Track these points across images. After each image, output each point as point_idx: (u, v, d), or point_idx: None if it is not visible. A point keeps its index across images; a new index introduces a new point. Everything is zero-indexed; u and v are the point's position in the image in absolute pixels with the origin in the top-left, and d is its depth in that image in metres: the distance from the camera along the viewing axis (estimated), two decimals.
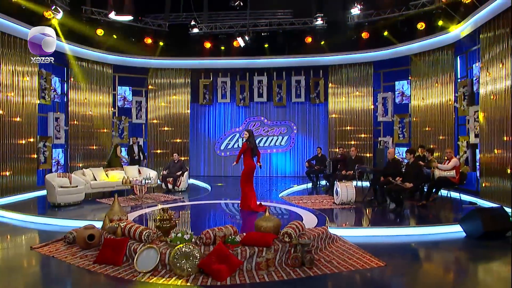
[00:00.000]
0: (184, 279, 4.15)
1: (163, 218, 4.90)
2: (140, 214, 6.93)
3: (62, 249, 5.24)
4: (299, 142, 13.80)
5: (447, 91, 10.33)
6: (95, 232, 5.16)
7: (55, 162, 11.00)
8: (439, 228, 6.16)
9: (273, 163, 13.95)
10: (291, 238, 4.61)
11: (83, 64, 11.74)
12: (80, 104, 11.75)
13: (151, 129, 13.46)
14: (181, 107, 13.56)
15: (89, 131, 11.94)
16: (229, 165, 13.69)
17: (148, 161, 13.07)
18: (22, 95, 9.52)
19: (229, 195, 9.38)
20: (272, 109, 13.86)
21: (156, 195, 9.48)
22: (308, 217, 6.45)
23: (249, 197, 7.13)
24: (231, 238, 4.52)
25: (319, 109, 13.62)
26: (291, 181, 12.49)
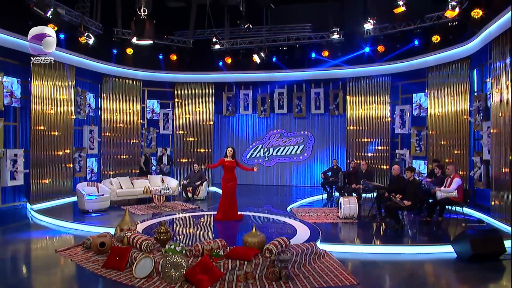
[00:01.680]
0: (172, 286, 4.75)
1: (160, 231, 5.55)
2: (153, 223, 7.65)
3: (80, 253, 6.05)
4: (318, 153, 14.10)
5: (463, 105, 10.24)
6: (106, 240, 5.92)
7: (89, 170, 12.14)
8: (430, 248, 6.29)
9: (292, 173, 14.35)
10: (272, 253, 5.07)
11: (115, 80, 12.86)
12: (112, 117, 12.87)
13: (177, 139, 14.33)
14: (205, 118, 14.33)
15: (120, 142, 13.02)
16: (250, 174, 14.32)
17: (174, 169, 14.00)
18: (60, 111, 10.70)
19: (244, 204, 9.94)
20: (292, 120, 14.28)
21: (175, 204, 10.24)
22: (303, 231, 6.87)
23: (234, 208, 7.91)
24: (215, 252, 5.07)
25: (337, 121, 13.85)
26: (308, 191, 12.86)
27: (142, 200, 10.30)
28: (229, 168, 7.89)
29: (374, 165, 12.64)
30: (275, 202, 10.84)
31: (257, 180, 14.52)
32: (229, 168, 7.88)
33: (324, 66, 13.06)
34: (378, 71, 12.67)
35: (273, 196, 12.09)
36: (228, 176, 7.92)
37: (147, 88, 13.96)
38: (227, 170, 7.89)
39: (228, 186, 7.86)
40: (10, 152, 9.39)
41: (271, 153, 14.50)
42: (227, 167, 7.89)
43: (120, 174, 12.73)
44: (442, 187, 7.99)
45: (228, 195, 7.87)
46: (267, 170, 14.56)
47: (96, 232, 6.91)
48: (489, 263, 5.63)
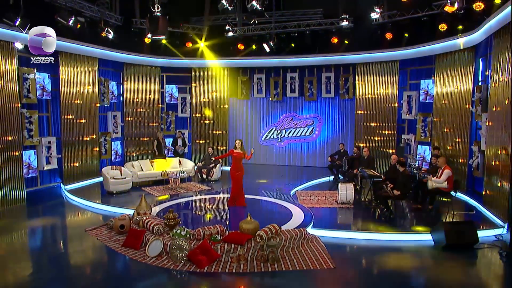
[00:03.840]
0: (177, 265, 5.70)
1: (169, 217, 6.49)
2: (165, 207, 8.64)
3: (105, 232, 7.11)
4: (328, 136, 14.63)
5: (466, 95, 10.39)
6: (125, 223, 6.93)
7: (114, 152, 13.26)
8: (412, 236, 6.91)
9: (303, 153, 15.04)
10: (262, 239, 5.90)
11: (135, 68, 13.72)
12: (134, 102, 13.82)
13: (194, 122, 15.19)
14: (220, 102, 15.06)
15: (141, 125, 14.03)
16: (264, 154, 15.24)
17: (192, 149, 14.96)
18: (86, 100, 11.73)
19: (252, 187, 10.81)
20: (304, 104, 14.79)
21: (190, 185, 11.22)
22: (298, 217, 7.68)
23: (242, 195, 8.64)
24: (214, 237, 5.97)
25: (347, 105, 14.24)
26: (318, 172, 13.54)
27: (160, 181, 11.33)
28: (237, 159, 8.60)
29: (380, 149, 13.12)
30: (282, 183, 11.64)
31: (270, 159, 15.32)
32: (238, 159, 8.59)
33: (334, 51, 13.35)
34: (387, 57, 12.86)
35: (282, 178, 12.89)
36: (237, 166, 8.63)
37: (165, 74, 14.76)
38: (236, 160, 8.62)
39: (236, 175, 8.62)
40: (44, 140, 10.58)
41: (284, 135, 15.14)
42: (236, 158, 8.60)
43: (141, 154, 13.88)
44: (435, 177, 8.40)
45: (237, 183, 8.66)
46: (279, 151, 15.29)
47: (118, 213, 7.99)
48: (462, 252, 6.19)
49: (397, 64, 12.86)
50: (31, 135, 10.09)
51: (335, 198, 9.36)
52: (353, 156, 11.22)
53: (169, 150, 13.78)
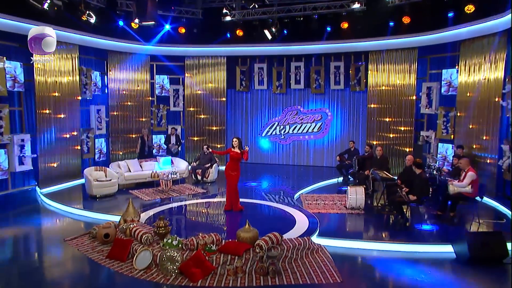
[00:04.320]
0: (168, 278, 5.76)
1: (159, 225, 6.55)
2: (157, 212, 8.71)
3: (87, 242, 7.17)
4: (337, 132, 14.70)
5: (496, 86, 10.20)
6: (110, 231, 6.99)
7: (98, 151, 13.35)
8: (430, 247, 6.86)
9: (310, 152, 15.10)
10: (261, 249, 5.96)
11: (121, 56, 13.77)
12: (120, 95, 13.89)
13: (188, 116, 15.26)
14: (217, 94, 15.10)
15: (128, 120, 14.12)
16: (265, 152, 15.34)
17: (185, 147, 15.05)
18: (65, 92, 11.75)
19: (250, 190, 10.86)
20: (310, 97, 14.84)
21: (183, 187, 11.28)
22: (302, 224, 7.72)
23: (237, 199, 8.74)
24: (209, 247, 6.02)
25: (359, 97, 14.29)
26: (325, 172, 13.62)
27: (150, 183, 11.36)
28: (234, 159, 8.69)
29: (395, 147, 13.16)
30: (286, 186, 11.72)
31: (273, 159, 15.41)
32: (235, 159, 8.68)
33: (344, 37, 13.35)
34: (404, 44, 12.84)
35: (286, 179, 12.98)
36: (233, 166, 8.72)
37: (155, 63, 14.80)
38: (232, 160, 8.70)
39: (231, 176, 8.71)
40: (16, 137, 10.54)
41: (287, 131, 15.21)
42: (233, 158, 8.69)
43: (129, 153, 13.97)
44: (457, 180, 8.35)
45: (231, 185, 8.74)
46: (283, 149, 15.36)
47: (103, 220, 8.04)
48: (489, 267, 6.05)
49: (415, 51, 12.85)
50: (1, 132, 10.11)
51: (343, 202, 9.40)
52: (364, 155, 11.25)
53: (152, 148, 13.83)
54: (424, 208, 8.79)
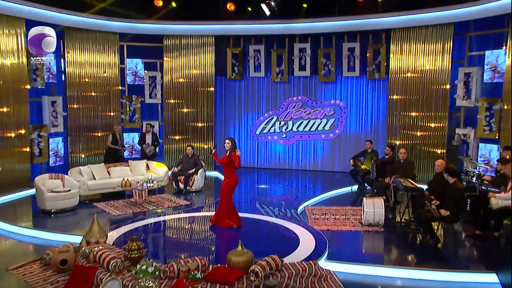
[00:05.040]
0: None
1: (131, 248, 6.50)
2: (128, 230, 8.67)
3: (37, 271, 7.01)
4: (352, 130, 14.72)
5: None
6: (69, 256, 6.92)
7: (54, 153, 13.30)
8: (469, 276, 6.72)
9: (318, 154, 15.15)
10: (258, 277, 5.93)
11: (82, 34, 13.68)
12: (81, 83, 13.81)
13: (168, 110, 15.21)
14: (204, 83, 15.07)
15: (93, 115, 14.08)
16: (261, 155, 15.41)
17: (164, 149, 15.08)
18: (9, 79, 11.63)
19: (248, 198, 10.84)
20: (318, 86, 14.85)
21: (162, 198, 11.27)
22: (307, 244, 7.68)
23: (231, 210, 8.76)
24: (192, 274, 5.98)
25: (378, 87, 14.30)
26: (337, 179, 13.63)
27: (120, 194, 11.34)
28: (224, 165, 8.71)
29: (424, 148, 13.18)
30: (287, 195, 11.72)
31: (272, 162, 15.47)
32: (223, 164, 8.70)
33: (360, 12, 13.35)
34: (436, 19, 12.77)
35: (287, 188, 12.98)
36: (225, 173, 8.82)
37: (125, 43, 14.76)
38: (224, 166, 8.76)
39: (223, 183, 8.80)
40: None
41: (290, 128, 15.22)
42: (221, 163, 8.75)
43: (93, 156, 13.98)
44: (502, 192, 8.26)
45: (221, 194, 8.77)
46: (284, 150, 15.41)
47: (59, 242, 7.91)
48: None
49: (451, 28, 12.79)
50: None
51: (359, 217, 9.39)
52: (384, 158, 11.25)
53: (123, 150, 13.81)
54: (460, 226, 8.74)
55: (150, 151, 13.65)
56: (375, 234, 8.67)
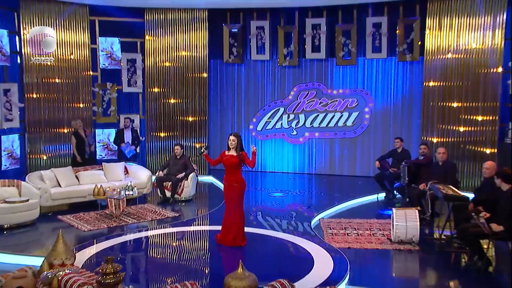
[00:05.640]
0: None
1: (106, 271, 6.40)
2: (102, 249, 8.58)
3: None
4: (378, 124, 14.66)
5: None
6: (26, 283, 6.77)
7: (7, 154, 13.19)
8: None
9: (335, 154, 15.10)
10: None
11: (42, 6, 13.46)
12: (42, 67, 13.60)
13: (151, 101, 15.17)
14: (195, 68, 15.01)
15: (57, 107, 13.98)
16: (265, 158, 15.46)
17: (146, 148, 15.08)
18: None
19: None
20: (335, 71, 14.81)
21: (144, 210, 11.20)
22: (324, 265, 7.61)
23: (241, 227, 8.62)
24: None
25: (410, 71, 14.20)
26: (360, 186, 13.58)
27: (92, 204, 11.23)
28: (230, 166, 8.55)
29: (468, 147, 13.07)
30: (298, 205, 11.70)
31: (279, 165, 15.47)
32: (231, 166, 8.54)
33: None
34: None
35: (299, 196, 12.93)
36: (228, 177, 8.63)
37: (97, 18, 14.68)
38: (228, 168, 8.60)
39: (227, 191, 8.63)
40: None
41: (302, 124, 15.18)
42: (225, 165, 8.58)
43: (58, 158, 13.91)
44: None
45: (228, 205, 8.64)
46: (294, 150, 15.38)
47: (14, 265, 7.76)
48: None
49: None
50: None
51: (387, 233, 9.29)
52: (418, 160, 11.15)
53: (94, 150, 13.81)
54: None
55: (129, 151, 13.60)
56: (407, 254, 8.57)
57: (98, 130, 14.78)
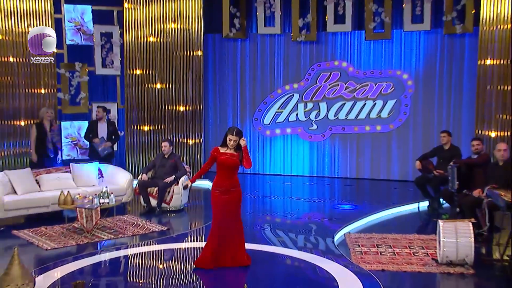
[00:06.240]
0: None
1: None
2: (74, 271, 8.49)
3: None
4: (419, 115, 14.62)
5: None
6: None
7: None
8: None
9: (365, 154, 15.13)
10: None
11: None
12: None
13: (132, 86, 15.16)
14: (187, 44, 15.00)
15: (11, 93, 13.99)
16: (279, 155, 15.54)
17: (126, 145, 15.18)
18: None
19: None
20: (364, 47, 14.80)
21: (123, 223, 11.14)
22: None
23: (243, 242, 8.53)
24: None
25: (461, 47, 14.16)
26: (394, 191, 13.68)
27: (57, 215, 11.27)
28: (228, 168, 8.37)
29: None
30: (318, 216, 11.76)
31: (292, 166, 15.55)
32: (229, 167, 8.37)
33: None
34: None
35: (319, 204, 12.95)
36: (223, 182, 8.41)
37: None
38: (224, 170, 8.40)
39: (222, 200, 8.40)
40: None
41: (323, 115, 15.17)
42: (223, 166, 8.38)
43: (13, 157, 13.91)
44: None
45: (223, 218, 8.42)
46: (312, 149, 15.45)
47: None
48: None
49: None
50: None
51: (432, 251, 9.22)
52: (471, 159, 11.09)
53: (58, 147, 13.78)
54: None
55: (104, 149, 13.52)
56: (459, 279, 8.43)
57: (66, 122, 14.81)
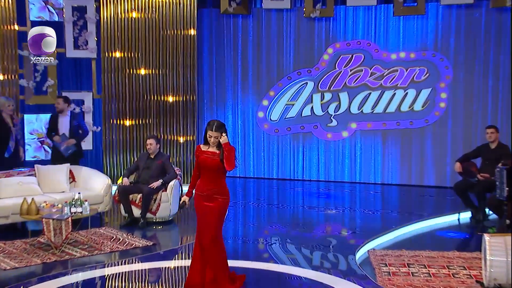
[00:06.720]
0: None
1: None
2: None
3: None
4: (459, 108, 14.60)
5: None
6: None
7: None
8: None
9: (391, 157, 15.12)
10: None
11: None
12: None
13: (111, 72, 15.16)
14: (178, 22, 15.03)
15: None
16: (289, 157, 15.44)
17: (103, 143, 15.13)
18: None
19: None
20: (392, 24, 14.81)
21: (99, 236, 11.10)
22: None
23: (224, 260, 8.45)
24: None
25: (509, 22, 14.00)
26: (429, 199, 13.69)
27: (19, 228, 11.34)
28: (207, 170, 8.35)
29: None
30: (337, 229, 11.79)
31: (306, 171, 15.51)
32: (208, 169, 8.34)
33: None
34: None
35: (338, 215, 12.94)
36: (205, 186, 8.42)
37: None
38: (205, 172, 8.39)
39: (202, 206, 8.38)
40: None
41: (345, 108, 15.20)
42: (203, 167, 8.39)
43: None
44: None
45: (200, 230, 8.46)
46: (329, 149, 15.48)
47: None
48: None
49: None
50: None
51: (476, 273, 9.14)
52: None
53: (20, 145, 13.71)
54: None
55: (67, 148, 13.38)
56: None
57: (29, 115, 14.85)
